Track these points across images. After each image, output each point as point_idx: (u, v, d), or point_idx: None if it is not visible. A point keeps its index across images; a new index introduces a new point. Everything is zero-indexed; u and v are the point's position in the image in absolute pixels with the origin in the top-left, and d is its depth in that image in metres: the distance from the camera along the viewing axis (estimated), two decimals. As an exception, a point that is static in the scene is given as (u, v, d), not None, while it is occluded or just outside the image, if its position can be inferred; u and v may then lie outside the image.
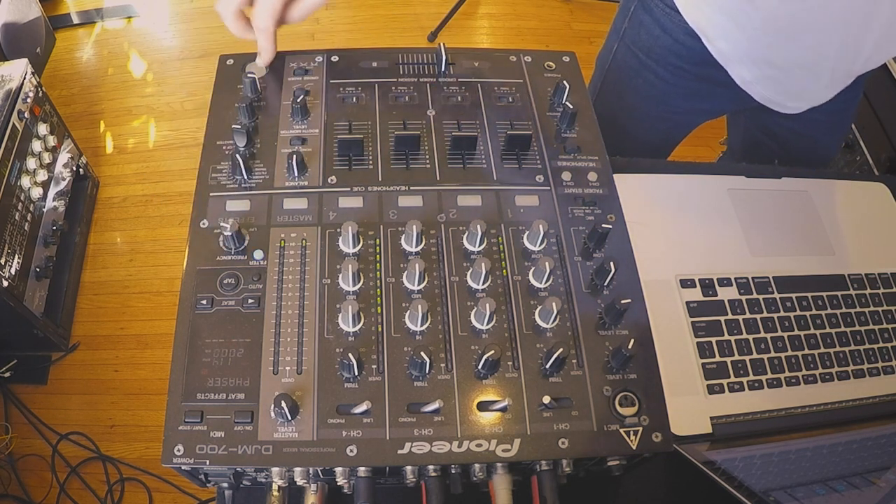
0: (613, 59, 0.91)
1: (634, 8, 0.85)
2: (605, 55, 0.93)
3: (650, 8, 0.82)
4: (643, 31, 0.85)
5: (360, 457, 0.50)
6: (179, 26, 2.29)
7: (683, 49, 0.82)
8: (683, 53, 0.83)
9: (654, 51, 0.85)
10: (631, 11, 0.86)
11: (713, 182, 0.82)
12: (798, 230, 0.80)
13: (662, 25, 0.82)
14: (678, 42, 0.82)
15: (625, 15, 0.87)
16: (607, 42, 0.94)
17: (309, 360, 0.53)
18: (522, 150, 0.66)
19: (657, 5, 0.81)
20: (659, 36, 0.83)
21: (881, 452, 0.65)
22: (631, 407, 0.53)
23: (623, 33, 0.87)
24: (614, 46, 0.90)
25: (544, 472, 0.53)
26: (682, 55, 0.83)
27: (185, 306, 0.55)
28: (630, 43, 0.87)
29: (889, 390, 0.70)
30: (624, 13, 0.88)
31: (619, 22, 0.89)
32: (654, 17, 0.82)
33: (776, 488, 0.54)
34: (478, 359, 0.53)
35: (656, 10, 0.81)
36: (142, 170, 1.94)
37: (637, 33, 0.85)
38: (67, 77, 2.15)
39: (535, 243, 0.59)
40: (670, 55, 0.84)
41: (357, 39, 2.27)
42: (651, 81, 0.88)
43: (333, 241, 0.59)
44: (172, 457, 0.49)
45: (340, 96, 0.68)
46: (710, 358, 0.69)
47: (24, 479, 1.48)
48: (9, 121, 1.39)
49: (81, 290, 1.74)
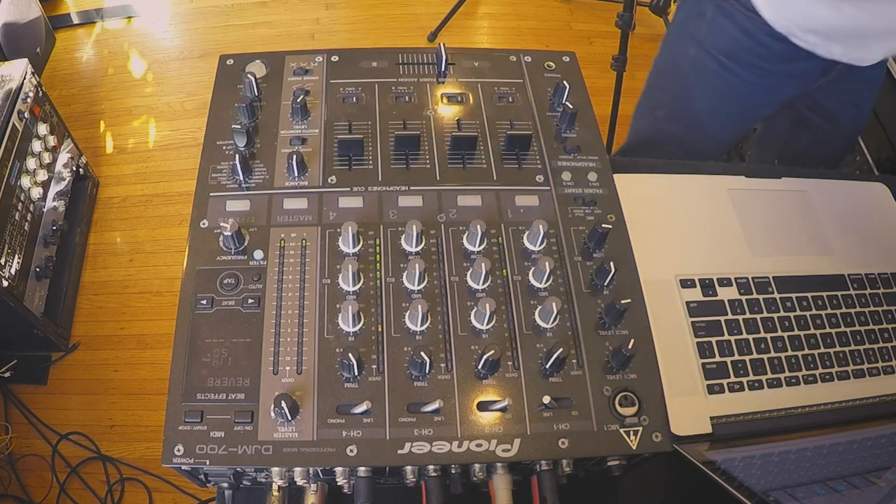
0: (692, 63, 0.96)
1: (712, 14, 0.90)
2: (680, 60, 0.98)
3: (730, 13, 0.87)
4: (724, 36, 0.89)
5: (360, 457, 0.50)
6: (179, 26, 2.29)
7: (764, 49, 0.87)
8: (764, 54, 0.88)
9: (736, 53, 0.90)
10: (709, 17, 0.90)
11: (713, 182, 0.82)
12: (798, 230, 0.80)
13: (744, 29, 0.86)
14: (760, 44, 0.86)
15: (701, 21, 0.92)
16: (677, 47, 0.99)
17: (309, 360, 0.53)
18: (522, 150, 0.66)
19: (738, 10, 0.86)
20: (740, 39, 0.88)
21: (881, 452, 0.65)
22: (631, 407, 0.53)
23: (702, 38, 0.92)
24: (690, 51, 0.95)
25: (544, 472, 0.53)
26: (763, 55, 0.88)
27: (185, 306, 0.55)
28: (710, 47, 0.92)
29: (889, 390, 0.70)
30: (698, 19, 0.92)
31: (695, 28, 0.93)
32: (735, 22, 0.87)
33: (776, 488, 0.54)
34: (478, 359, 0.53)
35: (738, 15, 0.86)
36: (142, 170, 1.94)
37: (717, 38, 0.90)
38: (67, 77, 2.14)
39: (535, 243, 0.59)
40: (751, 56, 0.89)
41: (357, 39, 2.26)
42: (732, 83, 0.93)
43: (333, 241, 0.59)
44: (172, 457, 0.49)
45: (340, 96, 0.68)
46: (710, 358, 0.69)
47: (24, 479, 1.48)
48: (9, 121, 1.39)
49: (81, 290, 1.74)
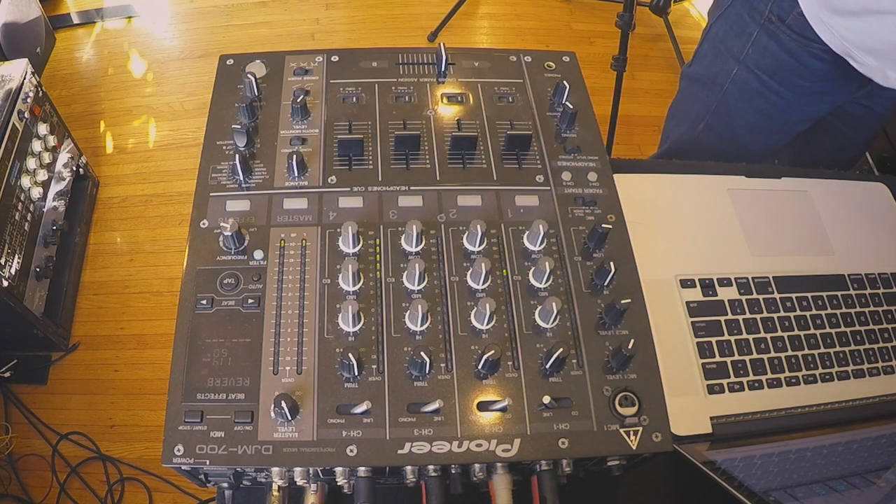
0: (732, 81, 0.98)
1: (757, 34, 0.92)
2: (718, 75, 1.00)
3: (776, 35, 0.89)
4: (768, 56, 0.91)
5: (360, 457, 0.50)
6: (179, 26, 2.29)
7: (806, 70, 0.89)
8: (806, 74, 0.90)
9: (778, 73, 0.92)
10: (753, 37, 0.92)
11: (713, 182, 0.82)
12: (798, 230, 0.80)
13: (789, 50, 0.88)
14: (802, 65, 0.89)
15: (744, 39, 0.94)
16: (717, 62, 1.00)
17: (309, 360, 0.53)
18: (522, 150, 0.66)
19: (784, 33, 0.88)
20: (784, 60, 0.90)
21: (881, 452, 0.65)
22: (631, 407, 0.53)
23: (745, 57, 0.95)
24: (731, 68, 0.97)
25: (544, 472, 0.53)
26: (805, 75, 0.90)
27: (185, 306, 0.55)
28: (752, 66, 0.94)
29: (889, 390, 0.70)
30: (741, 38, 0.94)
31: (738, 48, 0.95)
32: (780, 43, 0.89)
33: (776, 488, 0.54)
34: (478, 359, 0.53)
35: (783, 37, 0.88)
36: (142, 170, 1.94)
37: (761, 57, 0.92)
38: (67, 77, 2.14)
39: (535, 243, 0.59)
40: (794, 76, 0.91)
41: (357, 39, 2.26)
42: (772, 101, 0.95)
43: (333, 241, 0.59)
44: (172, 457, 0.49)
45: (340, 96, 0.68)
46: (710, 358, 0.69)
47: (24, 479, 1.48)
48: (9, 121, 1.39)
49: (81, 290, 1.74)
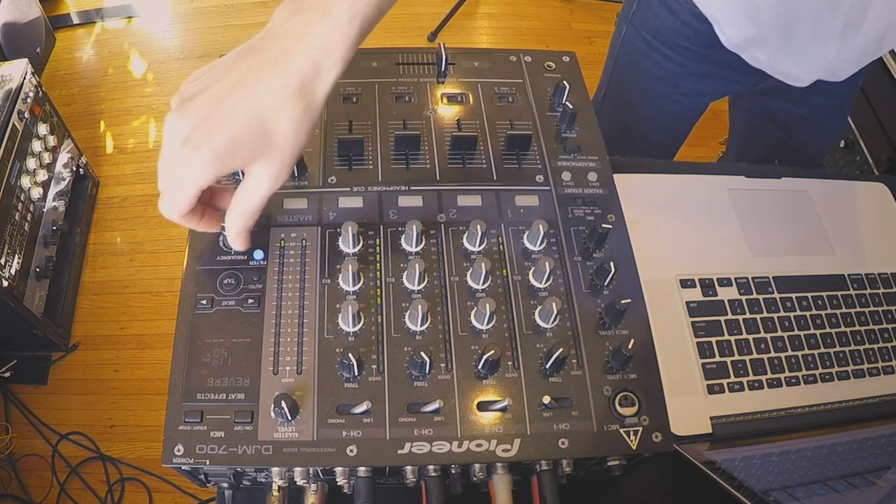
0: (622, 42, 0.92)
1: None
2: (615, 40, 0.95)
3: None
4: (651, 14, 0.85)
5: (360, 457, 0.50)
6: (179, 26, 2.29)
7: (690, 31, 0.83)
8: (690, 35, 0.84)
9: (662, 33, 0.86)
10: None
11: (713, 182, 0.82)
12: (798, 230, 0.80)
13: (669, 7, 0.83)
14: (685, 24, 0.82)
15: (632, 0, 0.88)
16: (617, 27, 0.95)
17: (309, 360, 0.53)
18: (522, 150, 0.66)
19: None
20: (666, 18, 0.84)
21: (881, 452, 0.65)
22: (631, 407, 0.53)
23: (631, 16, 0.88)
24: (623, 30, 0.91)
25: (544, 472, 0.53)
26: (690, 37, 0.84)
27: (185, 306, 0.55)
28: (638, 25, 0.88)
29: (889, 390, 0.70)
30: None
31: (627, 6, 0.90)
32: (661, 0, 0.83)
33: (776, 488, 0.54)
34: (478, 359, 0.53)
35: None
36: (142, 170, 1.94)
37: (645, 16, 0.86)
38: (67, 77, 2.15)
39: (535, 243, 0.59)
40: (677, 37, 0.85)
41: (357, 39, 2.26)
42: (659, 63, 0.89)
43: (333, 241, 0.59)
44: (172, 457, 0.49)
45: (340, 96, 0.68)
46: (710, 358, 0.69)
47: (24, 479, 1.48)
48: (9, 121, 1.39)
49: (81, 290, 1.74)
